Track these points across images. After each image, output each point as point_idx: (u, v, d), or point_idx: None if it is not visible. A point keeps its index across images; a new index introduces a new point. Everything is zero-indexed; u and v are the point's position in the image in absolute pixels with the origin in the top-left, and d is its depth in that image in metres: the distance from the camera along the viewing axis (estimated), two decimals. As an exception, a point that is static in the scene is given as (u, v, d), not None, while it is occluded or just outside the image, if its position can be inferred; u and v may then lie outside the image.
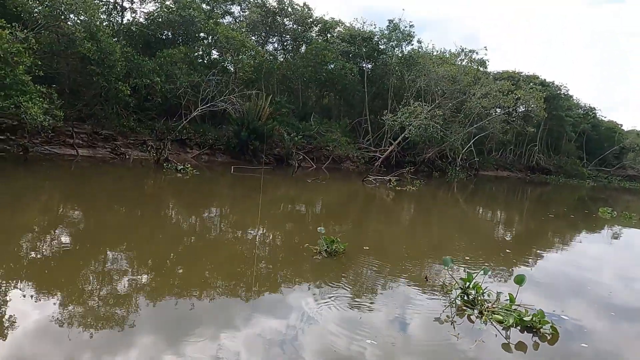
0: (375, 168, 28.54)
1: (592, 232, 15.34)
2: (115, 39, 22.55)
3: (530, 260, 9.64)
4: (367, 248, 9.17)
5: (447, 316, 5.71)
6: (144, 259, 7.49)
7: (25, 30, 16.75)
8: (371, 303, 5.99)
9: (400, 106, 30.27)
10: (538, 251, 10.88)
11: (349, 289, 6.42)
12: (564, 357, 4.90)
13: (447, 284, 6.85)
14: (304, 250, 8.29)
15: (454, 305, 6.01)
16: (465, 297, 6.10)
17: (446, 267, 6.61)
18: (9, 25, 15.75)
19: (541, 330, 5.34)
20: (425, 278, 7.18)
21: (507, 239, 12.97)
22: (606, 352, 5.15)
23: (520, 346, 5.02)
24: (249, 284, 6.54)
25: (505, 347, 4.98)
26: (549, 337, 5.25)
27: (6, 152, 17.86)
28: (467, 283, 6.25)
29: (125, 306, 5.29)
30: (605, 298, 7.07)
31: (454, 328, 5.39)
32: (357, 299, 6.08)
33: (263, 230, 10.53)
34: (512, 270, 8.37)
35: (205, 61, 28.90)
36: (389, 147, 31.60)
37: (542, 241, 12.82)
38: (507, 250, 10.32)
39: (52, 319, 4.68)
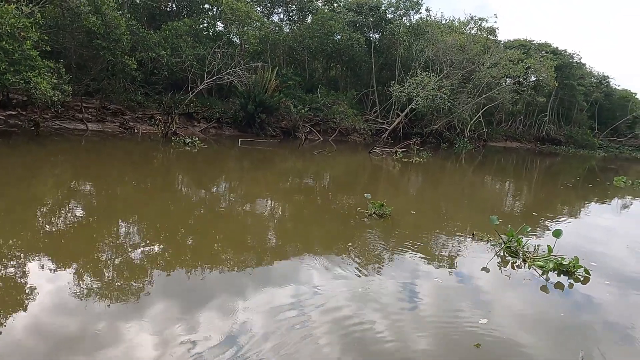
0: (382, 140, 28.52)
1: (607, 199, 16.20)
2: (120, 12, 22.43)
3: (557, 221, 10.80)
4: (414, 212, 10.67)
5: (498, 263, 7.07)
6: (163, 230, 7.81)
7: (30, 5, 16.75)
8: (426, 255, 7.21)
9: (407, 77, 29.92)
10: (562, 215, 12.27)
11: (408, 243, 7.73)
12: (593, 293, 6.13)
13: (491, 239, 8.08)
14: (349, 215, 9.53)
15: (499, 256, 7.35)
16: (510, 249, 7.45)
17: (493, 225, 7.85)
18: (14, 0, 15.78)
19: (575, 273, 6.65)
20: (472, 234, 8.50)
21: (530, 204, 14.19)
22: (629, 290, 6.45)
23: (559, 285, 6.31)
24: (322, 243, 7.73)
25: (544, 287, 6.22)
26: (581, 279, 6.55)
27: (18, 127, 18.20)
28: (510, 237, 7.58)
29: (140, 277, 5.60)
30: (628, 250, 8.58)
31: (502, 272, 6.75)
32: (414, 251, 7.34)
33: (300, 197, 10.89)
34: (543, 229, 9.65)
35: (210, 33, 28.65)
36: (396, 118, 31.43)
37: (564, 206, 14.10)
38: (534, 213, 11.60)
39: (68, 290, 4.96)
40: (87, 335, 4.09)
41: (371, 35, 33.94)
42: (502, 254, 7.43)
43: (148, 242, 7.02)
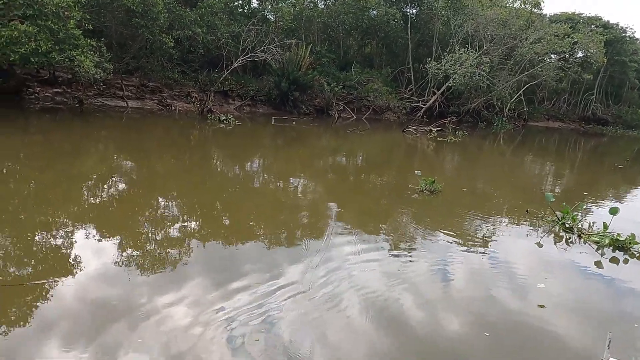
0: (417, 118, 27.97)
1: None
2: (157, -11, 22.68)
3: (610, 201, 10.97)
4: (465, 189, 11.12)
5: (553, 238, 7.48)
6: (203, 205, 8.08)
7: (73, -16, 17.23)
8: (485, 229, 7.81)
9: (445, 54, 28.96)
10: (615, 195, 12.44)
11: (467, 217, 8.33)
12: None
13: (545, 216, 8.39)
14: (398, 191, 10.21)
15: (552, 232, 7.73)
16: (564, 225, 7.82)
17: (548, 202, 8.15)
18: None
19: (631, 249, 6.94)
20: (527, 211, 8.74)
21: (580, 184, 14.38)
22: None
23: (614, 260, 6.67)
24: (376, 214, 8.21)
25: (599, 262, 6.53)
26: (637, 255, 6.87)
27: (64, 104, 19.03)
28: (565, 214, 7.91)
29: (177, 248, 5.85)
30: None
31: (557, 247, 7.15)
32: (473, 225, 7.89)
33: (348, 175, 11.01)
34: (597, 207, 9.96)
35: (245, 10, 28.59)
36: (432, 97, 30.66)
37: (617, 187, 14.14)
38: (585, 193, 11.73)
39: (111, 260, 5.24)
40: (129, 303, 4.35)
41: (408, 10, 32.88)
42: (557, 229, 7.81)
43: (186, 215, 7.29)
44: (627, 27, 41.83)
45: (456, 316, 4.62)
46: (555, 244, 7.30)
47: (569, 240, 7.45)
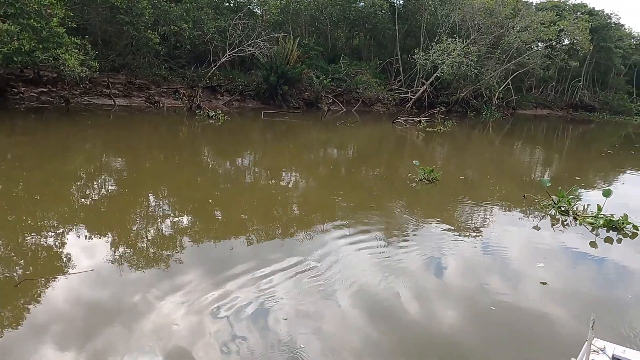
0: (407, 109, 28.03)
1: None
2: (141, -15, 22.38)
3: (602, 185, 11.46)
4: (463, 177, 11.49)
5: (550, 221, 7.86)
6: (195, 201, 8.08)
7: (54, -19, 16.95)
8: (486, 213, 8.29)
9: (432, 44, 29.01)
10: (607, 179, 12.97)
11: (467, 204, 8.69)
12: None
13: (541, 200, 8.75)
14: (396, 181, 10.58)
15: (549, 215, 8.17)
16: (560, 209, 8.23)
17: (544, 186, 8.66)
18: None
19: (624, 229, 7.39)
20: (524, 196, 9.10)
21: (571, 170, 14.74)
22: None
23: (608, 239, 7.12)
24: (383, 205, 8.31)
25: (593, 242, 6.95)
26: (630, 234, 7.33)
27: (49, 103, 18.79)
28: (560, 198, 8.31)
29: (170, 246, 5.86)
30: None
31: (554, 229, 7.56)
32: (473, 211, 8.29)
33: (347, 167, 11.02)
34: (590, 191, 10.45)
35: (231, 4, 28.35)
36: (420, 87, 30.74)
37: (607, 172, 14.59)
38: (577, 178, 12.03)
39: (103, 259, 5.22)
40: (122, 303, 4.36)
41: (395, 1, 32.85)
42: (553, 213, 8.24)
43: (177, 212, 7.29)
44: (612, 14, 42.25)
45: (469, 283, 5.31)
46: (552, 226, 7.69)
47: (565, 223, 7.85)
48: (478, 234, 7.01)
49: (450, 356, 3.91)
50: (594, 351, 3.24)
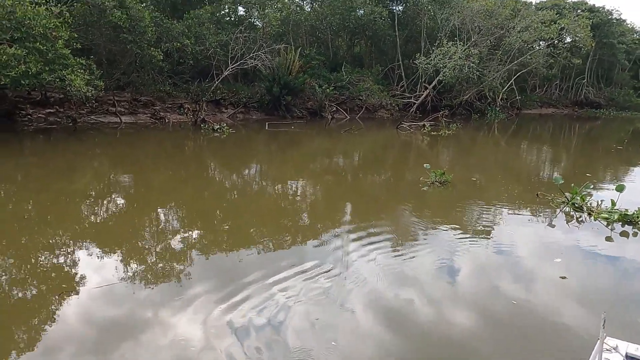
0: (410, 114, 28.06)
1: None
2: (143, 4, 22.77)
3: (614, 181, 11.37)
4: (474, 179, 11.55)
5: (565, 218, 7.95)
6: (204, 214, 8.14)
7: (59, 5, 17.32)
8: (500, 213, 8.40)
9: (433, 48, 29.08)
10: (618, 175, 12.94)
11: (479, 203, 8.78)
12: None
13: (554, 198, 8.86)
14: (408, 185, 10.73)
15: (563, 212, 8.27)
16: (574, 205, 8.33)
17: (557, 184, 8.68)
18: (44, 1, 16.34)
19: (639, 222, 7.43)
20: (537, 195, 9.24)
21: (581, 167, 14.76)
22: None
23: (624, 233, 7.20)
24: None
25: (609, 237, 7.01)
26: None
27: (57, 124, 19.08)
28: (574, 194, 8.42)
29: (180, 260, 5.89)
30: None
31: (569, 225, 7.67)
32: (488, 212, 8.35)
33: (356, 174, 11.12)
34: (602, 187, 10.54)
35: (232, 19, 28.72)
36: (423, 92, 30.76)
37: (618, 167, 14.62)
38: (587, 174, 12.08)
39: (114, 276, 5.24)
40: (133, 320, 4.39)
41: (394, 7, 33.02)
42: (567, 209, 8.36)
43: (186, 226, 7.34)
44: (613, 10, 42.05)
45: (490, 279, 5.53)
46: (567, 223, 7.81)
47: (580, 219, 7.96)
48: (495, 234, 7.14)
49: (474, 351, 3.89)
50: (607, 350, 3.20)
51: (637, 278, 5.74)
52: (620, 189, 8.23)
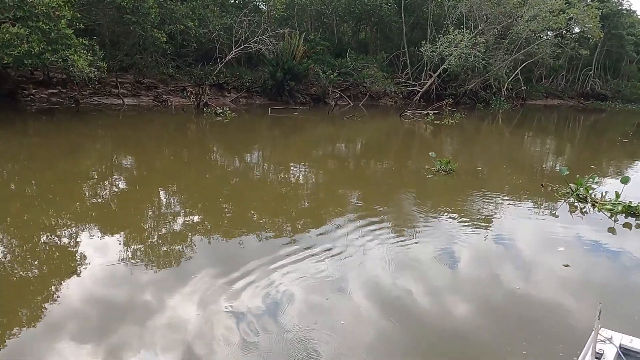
0: (414, 102, 27.87)
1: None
2: (147, -15, 22.49)
3: (619, 173, 11.57)
4: (479, 168, 11.58)
5: (569, 208, 8.03)
6: (206, 197, 8.16)
7: (61, -17, 17.11)
8: (504, 202, 8.51)
9: (439, 36, 28.75)
10: (622, 167, 13.02)
11: (484, 192, 8.80)
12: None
13: (559, 188, 8.86)
14: (412, 173, 10.77)
15: (567, 202, 8.33)
16: (578, 196, 8.36)
17: (563, 175, 8.66)
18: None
19: None
20: (542, 185, 9.29)
21: (586, 159, 14.77)
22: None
23: (627, 225, 7.30)
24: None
25: (612, 229, 7.09)
26: None
27: (60, 104, 19.04)
28: (578, 185, 8.46)
29: (182, 243, 5.92)
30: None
31: (572, 216, 7.78)
32: (491, 200, 8.45)
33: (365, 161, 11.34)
34: (607, 179, 10.66)
35: (236, 1, 28.38)
36: (428, 80, 30.51)
37: (622, 160, 14.63)
38: (592, 166, 12.10)
39: (116, 257, 5.26)
40: (135, 301, 4.44)
41: (401, -7, 32.57)
42: (571, 200, 8.42)
43: (188, 210, 7.37)
44: (623, 0, 41.36)
45: (497, 265, 5.68)
46: (571, 213, 7.92)
47: (583, 210, 8.05)
48: (499, 222, 7.27)
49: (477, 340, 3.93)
50: (601, 341, 3.22)
51: (636, 270, 5.78)
52: (625, 180, 8.29)
